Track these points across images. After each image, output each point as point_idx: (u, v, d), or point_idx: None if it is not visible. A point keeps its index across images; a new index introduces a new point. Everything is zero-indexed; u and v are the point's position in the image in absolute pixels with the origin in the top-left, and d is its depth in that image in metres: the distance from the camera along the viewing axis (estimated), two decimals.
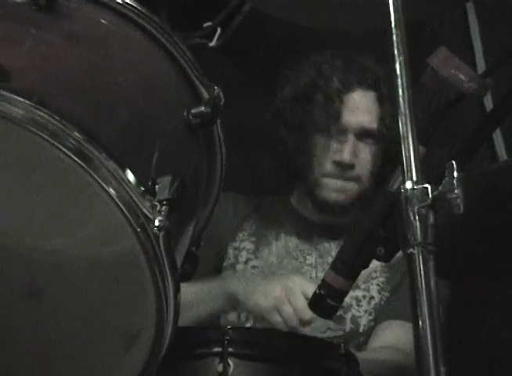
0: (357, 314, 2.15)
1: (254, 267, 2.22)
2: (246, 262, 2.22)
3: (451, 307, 2.08)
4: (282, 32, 2.45)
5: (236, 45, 2.73)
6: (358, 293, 2.16)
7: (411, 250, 1.16)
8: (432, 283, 1.15)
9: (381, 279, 2.20)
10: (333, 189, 2.22)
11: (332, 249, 2.23)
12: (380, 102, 2.27)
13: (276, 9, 1.62)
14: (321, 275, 2.12)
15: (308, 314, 1.90)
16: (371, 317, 2.14)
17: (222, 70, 2.82)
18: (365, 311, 2.16)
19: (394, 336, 2.07)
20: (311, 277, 2.18)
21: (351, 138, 2.23)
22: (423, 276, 1.15)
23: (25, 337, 1.29)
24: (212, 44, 2.69)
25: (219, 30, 2.69)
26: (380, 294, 2.18)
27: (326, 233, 2.26)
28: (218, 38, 2.68)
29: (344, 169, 2.21)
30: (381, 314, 2.15)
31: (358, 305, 2.16)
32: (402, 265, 1.22)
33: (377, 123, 2.25)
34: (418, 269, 1.15)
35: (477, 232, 1.62)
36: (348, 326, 2.13)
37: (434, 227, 1.17)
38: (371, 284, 2.18)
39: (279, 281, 1.95)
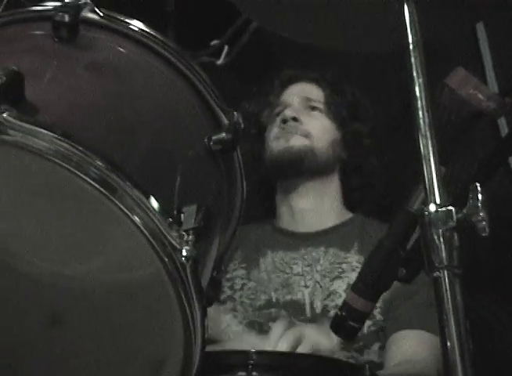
0: None
1: (249, 289, 2.23)
2: (241, 288, 2.24)
3: (473, 323, 2.07)
4: (288, 49, 2.46)
5: (243, 62, 2.73)
6: None
7: (437, 273, 1.16)
8: (459, 306, 1.15)
9: None
10: (283, 146, 2.28)
11: (320, 257, 2.23)
12: (322, 88, 2.39)
13: (283, 28, 1.62)
14: (310, 283, 2.18)
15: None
16: (371, 322, 2.12)
17: (229, 88, 2.83)
18: None
19: (413, 348, 2.05)
20: (299, 286, 2.19)
21: (295, 104, 2.34)
22: (450, 300, 1.14)
23: (49, 365, 1.29)
24: (219, 62, 2.71)
25: (226, 48, 2.70)
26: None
27: (311, 242, 2.27)
28: (226, 56, 2.69)
29: (289, 124, 2.29)
30: (393, 322, 2.12)
31: None
32: None
33: (321, 99, 2.37)
34: (445, 293, 1.15)
35: (490, 245, 1.62)
36: None
37: (459, 250, 1.17)
38: None
39: (292, 333, 1.94)
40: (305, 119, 2.32)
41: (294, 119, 2.30)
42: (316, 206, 2.32)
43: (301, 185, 2.31)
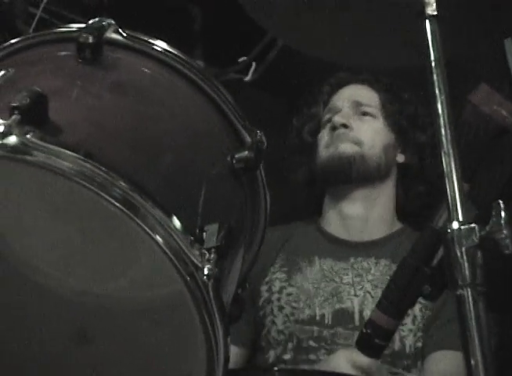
0: (402, 334, 2.09)
1: (288, 294, 2.18)
2: (280, 291, 2.19)
3: (500, 342, 2.05)
4: (316, 65, 2.46)
5: (270, 79, 2.74)
6: None
7: (460, 291, 1.15)
8: (483, 324, 1.14)
9: None
10: (333, 153, 2.24)
11: (371, 267, 2.18)
12: (376, 91, 2.33)
13: (309, 47, 1.63)
14: (360, 292, 2.14)
15: None
16: (416, 338, 2.09)
17: (257, 105, 2.84)
18: (410, 330, 2.09)
19: (451, 369, 2.01)
20: (349, 295, 2.15)
21: (344, 109, 2.28)
22: (473, 318, 1.14)
23: None
24: (247, 78, 2.71)
25: (254, 64, 2.70)
26: (421, 312, 2.12)
27: (361, 252, 2.22)
28: (253, 73, 2.70)
29: (339, 131, 2.24)
30: (431, 342, 2.08)
31: (402, 324, 2.07)
32: None
33: (374, 103, 2.30)
34: (468, 311, 1.14)
35: None
36: (397, 344, 2.07)
37: (483, 267, 1.16)
38: None
39: (328, 363, 1.92)
40: (356, 125, 2.26)
41: (344, 126, 2.25)
42: (366, 214, 2.26)
43: (351, 191, 2.26)
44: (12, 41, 1.27)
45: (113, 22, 1.27)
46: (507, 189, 1.33)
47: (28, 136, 1.05)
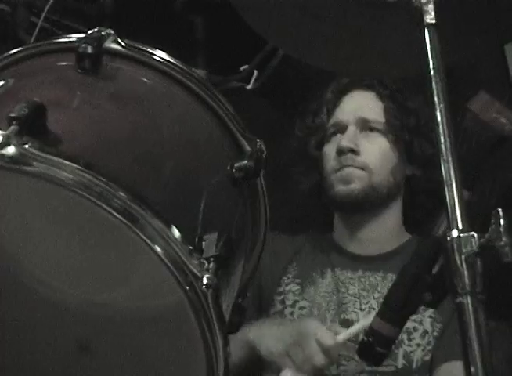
0: (409, 349, 2.06)
1: (301, 308, 2.17)
2: (293, 305, 2.18)
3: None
4: (318, 73, 2.46)
5: (272, 87, 2.74)
6: (409, 324, 2.04)
7: (460, 299, 1.15)
8: (483, 332, 1.14)
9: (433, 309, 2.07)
10: (341, 179, 2.21)
11: (377, 283, 2.17)
12: (380, 99, 2.28)
13: (309, 57, 1.63)
14: (365, 307, 2.12)
15: (321, 360, 1.88)
16: (425, 352, 2.06)
17: (260, 113, 2.84)
18: (418, 345, 2.06)
19: None
20: (354, 307, 2.14)
21: (350, 128, 2.24)
22: (473, 325, 1.14)
23: None
24: (249, 87, 2.71)
25: (256, 73, 2.70)
26: (432, 326, 2.09)
27: (370, 265, 2.21)
28: (255, 81, 2.70)
29: (346, 157, 2.20)
30: (440, 353, 2.05)
31: (409, 339, 2.06)
32: None
33: (380, 117, 2.25)
34: (468, 319, 1.14)
35: None
36: (401, 362, 2.04)
37: (483, 275, 1.16)
38: (423, 316, 2.09)
39: (292, 326, 1.93)
40: (362, 146, 2.22)
41: (351, 150, 2.21)
42: (378, 234, 2.25)
43: (363, 219, 2.25)
44: (12, 51, 1.28)
45: (112, 32, 1.27)
46: (507, 196, 1.32)
47: (26, 146, 1.06)
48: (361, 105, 2.30)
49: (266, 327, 2.03)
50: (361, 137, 2.24)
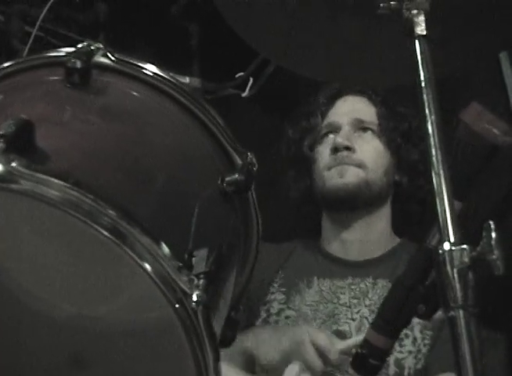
0: (400, 356, 2.06)
1: (287, 317, 2.17)
2: (278, 314, 2.18)
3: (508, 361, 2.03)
4: (314, 82, 2.46)
5: (268, 94, 2.74)
6: None
7: (452, 313, 1.15)
8: (475, 346, 1.14)
9: None
10: (336, 174, 2.21)
11: (368, 290, 2.17)
12: (373, 104, 2.30)
13: (303, 68, 1.63)
14: (356, 316, 2.12)
15: (319, 366, 1.88)
16: (416, 360, 2.06)
17: (255, 120, 2.84)
18: (409, 352, 2.07)
19: None
20: (346, 318, 2.13)
21: (345, 128, 2.25)
22: (466, 339, 1.13)
23: None
24: (245, 94, 2.71)
25: (251, 80, 2.70)
26: (422, 333, 2.09)
27: (359, 271, 2.21)
28: (251, 88, 2.70)
29: (341, 154, 2.20)
30: (435, 363, 2.05)
31: (400, 346, 2.06)
32: None
33: (373, 119, 2.28)
34: (460, 332, 1.14)
35: None
36: (392, 369, 2.05)
37: (475, 288, 1.15)
38: (412, 323, 2.09)
39: (288, 333, 1.93)
40: (357, 144, 2.24)
41: (346, 148, 2.23)
42: (367, 236, 2.26)
43: (351, 218, 2.26)
44: (0, 66, 1.27)
45: (101, 46, 1.26)
46: (500, 208, 1.32)
47: (14, 164, 1.05)
48: (355, 107, 2.33)
49: (263, 334, 2.03)
50: (355, 137, 2.26)
